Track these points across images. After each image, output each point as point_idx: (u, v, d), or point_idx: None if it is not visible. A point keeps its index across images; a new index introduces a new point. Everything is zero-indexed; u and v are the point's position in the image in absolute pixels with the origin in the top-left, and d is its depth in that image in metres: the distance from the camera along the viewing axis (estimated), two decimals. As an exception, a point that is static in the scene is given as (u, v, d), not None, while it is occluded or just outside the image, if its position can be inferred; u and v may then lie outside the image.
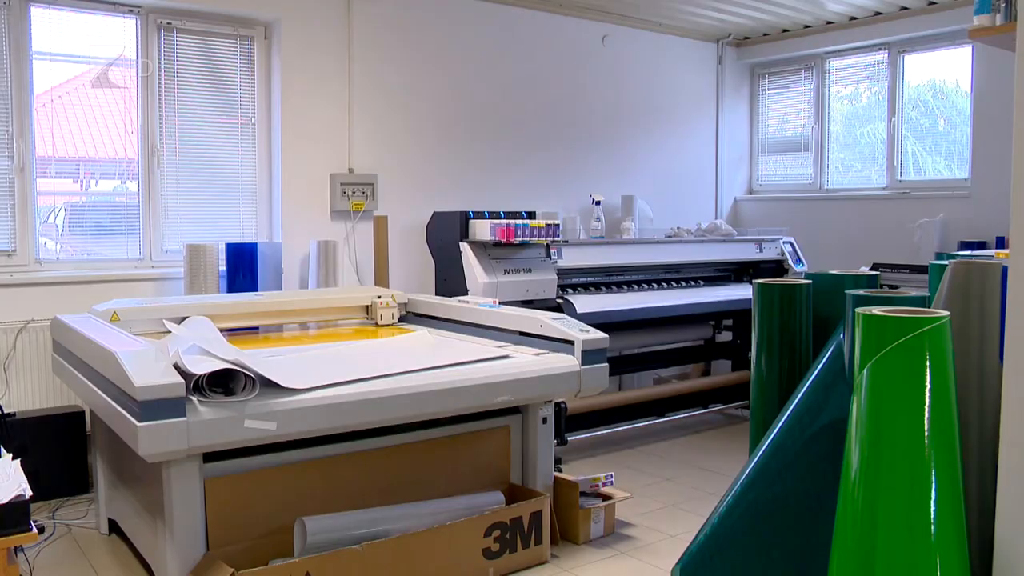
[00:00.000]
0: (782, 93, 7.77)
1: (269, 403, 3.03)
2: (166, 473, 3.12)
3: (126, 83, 5.34)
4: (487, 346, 4.02)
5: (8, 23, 4.90)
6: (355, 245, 5.74)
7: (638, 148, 7.19)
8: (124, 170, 5.41)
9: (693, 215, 7.34)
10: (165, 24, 5.32)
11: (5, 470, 2.21)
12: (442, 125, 6.13)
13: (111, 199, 5.44)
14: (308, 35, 5.60)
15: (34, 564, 3.80)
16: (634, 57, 7.11)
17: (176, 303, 4.42)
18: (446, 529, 3.50)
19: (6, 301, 4.75)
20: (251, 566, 3.10)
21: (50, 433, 4.56)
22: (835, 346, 1.87)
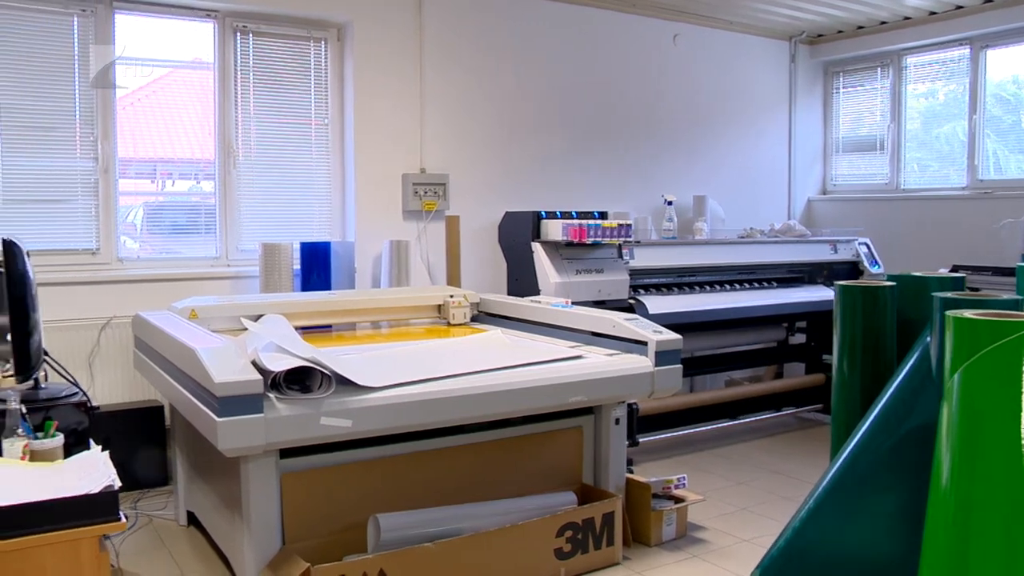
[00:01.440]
0: (857, 91, 7.62)
1: (345, 401, 3.06)
2: (244, 468, 3.17)
3: (203, 85, 5.45)
4: (560, 346, 4.01)
5: (95, 28, 5.03)
6: (427, 245, 5.77)
7: (710, 148, 7.11)
8: (199, 170, 5.52)
9: (766, 216, 7.23)
10: (241, 27, 5.41)
11: (95, 461, 2.26)
12: (513, 125, 6.13)
13: (187, 199, 5.57)
14: (380, 36, 5.65)
15: (119, 552, 3.89)
16: (706, 56, 7.04)
17: (252, 301, 4.50)
18: (518, 528, 3.50)
19: (90, 298, 4.88)
20: (325, 561, 3.13)
21: (131, 426, 4.67)
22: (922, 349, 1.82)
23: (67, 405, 2.56)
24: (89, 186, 5.05)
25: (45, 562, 1.98)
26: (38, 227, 4.87)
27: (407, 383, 3.24)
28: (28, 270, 2.59)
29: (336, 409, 3.03)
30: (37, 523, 1.96)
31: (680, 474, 4.34)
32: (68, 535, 1.99)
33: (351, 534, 3.39)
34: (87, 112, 5.03)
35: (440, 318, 4.80)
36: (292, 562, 3.14)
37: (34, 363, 2.60)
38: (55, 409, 2.52)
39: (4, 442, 2.31)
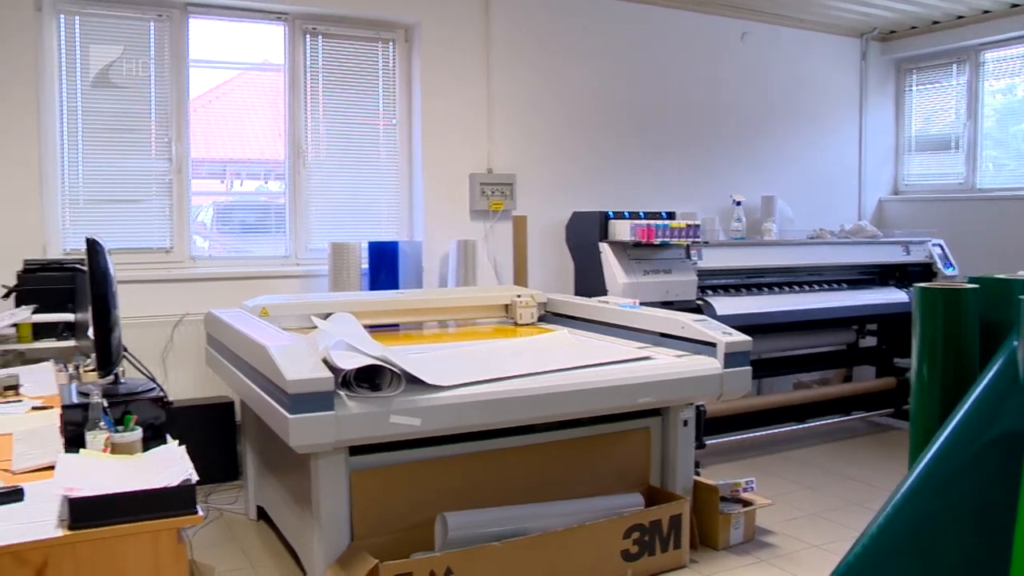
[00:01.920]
0: (930, 89, 7.45)
1: (414, 399, 3.08)
2: (314, 465, 3.21)
3: (272, 87, 5.53)
4: (628, 347, 3.99)
5: (169, 33, 5.13)
6: (494, 244, 5.79)
7: (778, 147, 7.02)
8: (267, 171, 5.60)
9: (835, 216, 7.10)
10: (311, 29, 5.48)
11: (173, 455, 2.31)
12: (580, 124, 6.12)
13: (255, 199, 5.66)
14: (447, 36, 5.68)
15: (191, 544, 3.96)
16: (774, 54, 6.95)
17: (321, 300, 4.56)
18: (585, 529, 3.49)
19: (164, 296, 4.98)
20: (393, 558, 3.16)
21: (202, 421, 4.75)
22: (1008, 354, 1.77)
23: (145, 400, 2.60)
24: (163, 186, 5.16)
25: (127, 552, 2.02)
26: (116, 226, 5.00)
27: (476, 382, 3.25)
28: (109, 268, 2.65)
29: (405, 408, 3.05)
30: (120, 513, 2.00)
31: (748, 477, 4.29)
32: (148, 526, 2.03)
33: (418, 532, 3.41)
34: (162, 114, 5.14)
35: (507, 318, 4.81)
36: (361, 558, 3.16)
37: (115, 359, 2.66)
38: (134, 404, 2.56)
39: (87, 435, 2.36)
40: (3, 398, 3.25)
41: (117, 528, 2.00)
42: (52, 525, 2.00)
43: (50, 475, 2.29)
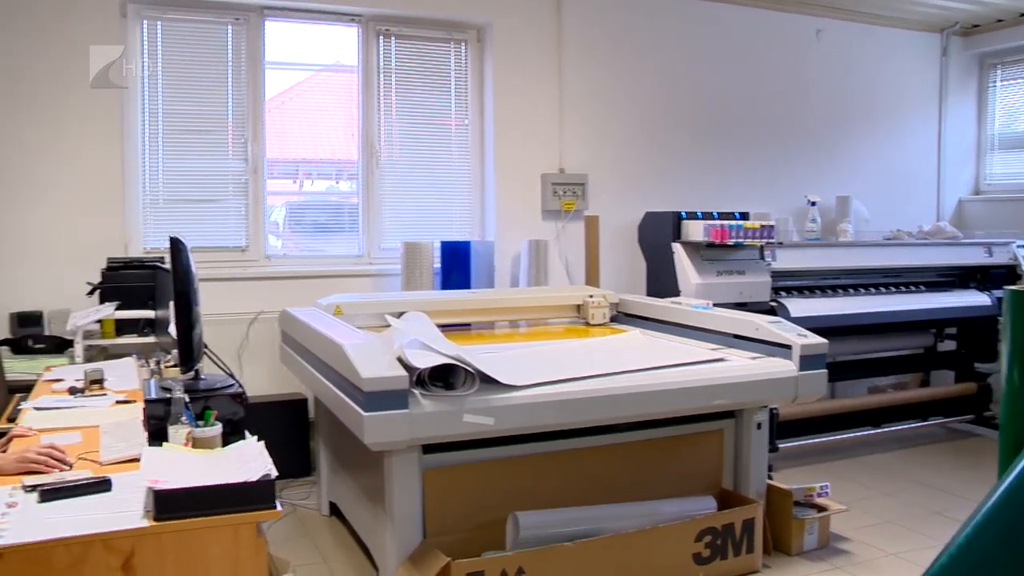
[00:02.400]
0: (1016, 84, 7.22)
1: (488, 398, 3.09)
2: (387, 462, 3.24)
3: (344, 88, 5.59)
4: (701, 348, 3.96)
5: (246, 36, 5.22)
6: (566, 244, 5.77)
7: (854, 146, 6.88)
8: (339, 171, 5.67)
9: (913, 217, 6.93)
10: (383, 31, 5.53)
11: (252, 451, 2.34)
12: (653, 124, 6.08)
13: (327, 199, 5.74)
14: (519, 37, 5.69)
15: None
16: (850, 51, 6.81)
17: (394, 299, 4.60)
18: (657, 531, 3.47)
19: (240, 293, 5.07)
20: (464, 557, 3.17)
21: (276, 418, 4.82)
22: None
23: (224, 396, 2.65)
24: (239, 186, 5.25)
25: (209, 543, 2.06)
26: (193, 226, 5.10)
27: (549, 382, 3.25)
28: (191, 266, 2.70)
29: (479, 407, 3.06)
30: (202, 506, 2.04)
31: (822, 482, 4.22)
32: (229, 519, 2.06)
33: (490, 531, 3.41)
34: (239, 116, 5.23)
35: (579, 318, 4.80)
36: (433, 556, 3.18)
37: (196, 355, 2.71)
38: (214, 399, 2.61)
39: (169, 429, 2.42)
40: (89, 391, 3.34)
41: (200, 520, 2.04)
42: (138, 516, 2.04)
43: (135, 467, 2.35)
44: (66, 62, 4.78)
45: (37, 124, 4.76)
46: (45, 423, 2.90)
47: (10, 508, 2.10)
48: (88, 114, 4.83)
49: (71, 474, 2.33)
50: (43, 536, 1.94)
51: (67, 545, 1.95)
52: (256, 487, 2.10)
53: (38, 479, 2.27)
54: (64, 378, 3.61)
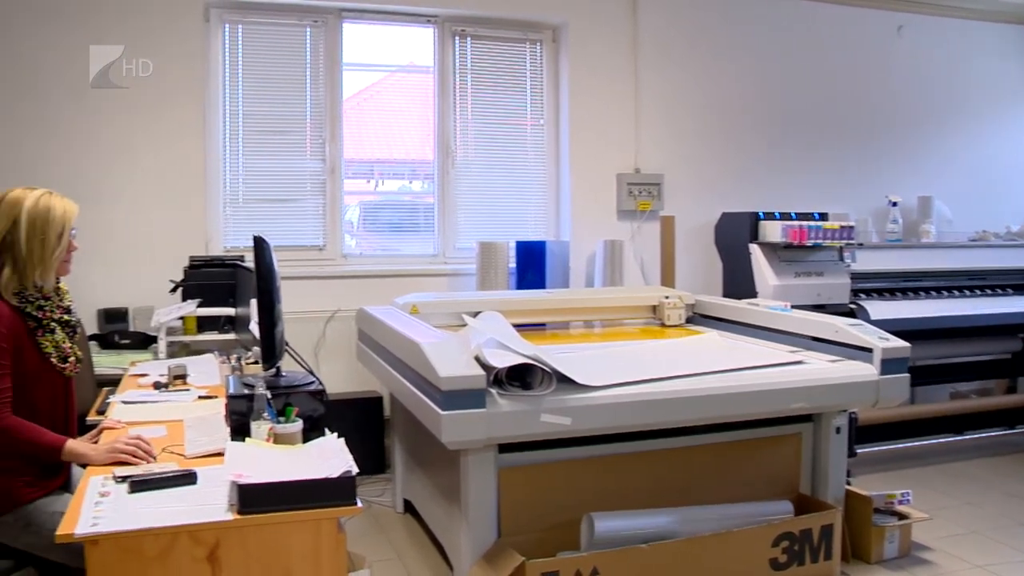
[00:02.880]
0: (1110, 79, 6.96)
1: (564, 399, 3.08)
2: (464, 461, 3.25)
3: (418, 88, 5.63)
4: (779, 350, 3.90)
5: (325, 38, 5.30)
6: (641, 244, 5.74)
7: (937, 145, 6.69)
8: (412, 170, 5.72)
9: (1000, 217, 6.72)
10: (459, 31, 5.56)
11: (333, 447, 2.37)
12: (729, 123, 6.01)
13: (400, 199, 5.79)
14: (595, 36, 5.67)
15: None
16: (933, 47, 6.63)
17: (470, 298, 4.62)
18: (733, 535, 3.42)
19: (317, 292, 5.14)
20: (539, 556, 3.16)
21: (352, 415, 4.88)
22: None
23: (305, 393, 2.69)
24: (317, 186, 5.33)
25: (290, 537, 2.09)
26: (272, 225, 5.18)
27: (626, 383, 3.23)
28: (274, 265, 2.74)
29: (556, 407, 3.06)
30: (285, 501, 2.07)
31: (903, 489, 4.12)
32: (311, 514, 2.09)
33: (564, 531, 3.40)
34: (317, 116, 5.31)
35: (654, 319, 4.76)
36: (507, 555, 3.18)
37: (278, 352, 2.75)
38: (294, 396, 2.65)
39: (252, 424, 2.46)
40: (173, 387, 3.42)
41: (282, 515, 2.08)
42: (223, 509, 2.09)
43: (218, 461, 2.40)
44: (153, 67, 4.91)
45: (123, 126, 4.90)
46: (132, 416, 2.98)
47: (103, 497, 2.16)
48: (171, 116, 4.95)
49: (158, 466, 2.39)
50: (134, 526, 2.01)
51: (156, 535, 2.01)
52: (337, 483, 2.13)
53: (127, 470, 2.34)
54: (149, 373, 3.71)
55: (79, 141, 4.83)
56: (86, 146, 4.84)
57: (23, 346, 2.53)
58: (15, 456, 2.49)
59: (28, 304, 2.57)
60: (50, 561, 2.51)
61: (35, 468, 2.55)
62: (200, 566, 2.04)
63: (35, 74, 4.76)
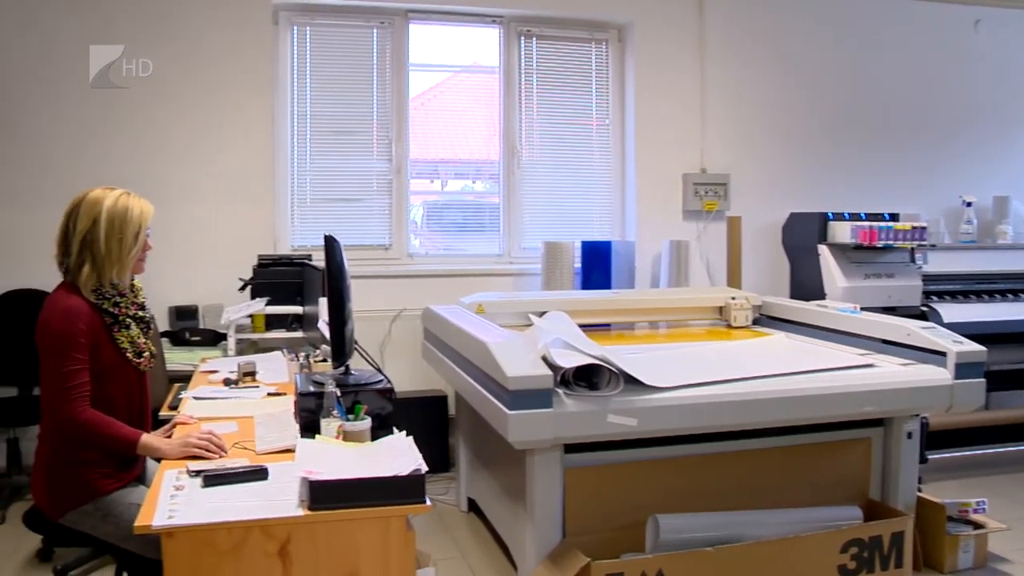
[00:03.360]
0: None
1: (631, 400, 3.07)
2: (529, 461, 3.25)
3: (482, 88, 5.65)
4: (849, 353, 3.83)
5: (391, 38, 5.34)
6: (707, 245, 5.69)
7: (1014, 143, 6.49)
8: (476, 170, 5.73)
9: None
10: (525, 31, 5.56)
11: (402, 445, 2.39)
12: (798, 123, 5.92)
13: (463, 198, 5.81)
14: (661, 35, 5.64)
15: (406, 534, 4.10)
16: (1012, 41, 6.44)
17: (535, 298, 4.62)
18: (801, 540, 3.37)
19: (383, 291, 5.19)
20: (603, 557, 3.15)
21: (417, 413, 4.90)
22: None
23: (373, 391, 2.71)
24: (383, 185, 5.38)
25: (360, 534, 2.11)
26: (338, 224, 5.24)
27: (693, 385, 3.20)
28: (344, 263, 2.77)
29: (623, 407, 3.04)
30: (355, 498, 2.09)
31: (979, 498, 4.01)
32: (380, 512, 2.11)
33: (629, 532, 3.38)
34: (383, 116, 5.35)
35: (720, 320, 4.71)
36: (572, 555, 3.18)
37: (347, 350, 2.78)
38: (363, 394, 2.67)
39: (322, 421, 2.49)
40: (243, 383, 3.47)
41: (352, 512, 2.10)
42: (294, 504, 2.11)
43: (288, 457, 2.44)
44: (221, 68, 5.01)
45: (195, 127, 5.00)
46: (203, 412, 3.03)
47: (178, 491, 2.21)
48: (241, 117, 5.03)
49: (230, 461, 2.43)
50: (208, 519, 2.05)
51: (229, 529, 2.04)
52: (407, 481, 2.14)
53: (201, 465, 2.38)
54: (219, 370, 3.77)
55: (150, 141, 4.94)
56: (157, 146, 4.95)
57: (100, 342, 2.59)
58: (94, 449, 2.55)
59: (105, 301, 2.63)
60: (125, 550, 2.57)
61: (113, 461, 2.61)
62: (271, 560, 2.07)
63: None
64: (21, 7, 4.78)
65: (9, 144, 4.82)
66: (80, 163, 4.84)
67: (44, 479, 2.60)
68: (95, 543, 2.63)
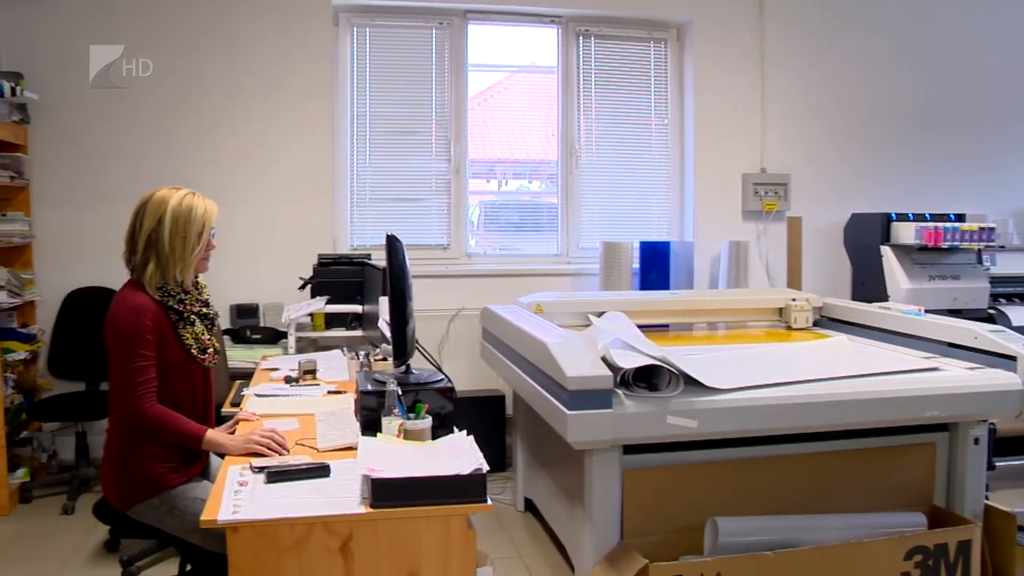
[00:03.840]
0: None
1: (692, 401, 3.04)
2: (588, 461, 3.23)
3: (539, 88, 5.65)
4: (913, 356, 3.76)
5: (450, 39, 5.36)
6: (766, 245, 5.63)
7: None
8: (533, 170, 5.73)
9: None
10: (584, 31, 5.55)
11: (463, 444, 2.40)
12: (859, 122, 5.83)
13: (519, 198, 5.82)
14: (720, 35, 5.59)
15: (462, 532, 4.11)
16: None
17: (594, 298, 4.60)
18: (863, 546, 3.31)
19: (442, 290, 5.22)
20: (660, 560, 3.12)
21: (474, 413, 4.90)
22: None
23: (434, 390, 2.72)
24: (442, 185, 5.41)
25: (421, 533, 2.12)
26: (397, 224, 5.28)
27: (754, 386, 3.17)
28: (406, 263, 2.78)
29: (683, 409, 3.02)
30: (417, 496, 2.10)
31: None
32: (442, 510, 2.12)
33: (687, 535, 3.35)
34: (442, 117, 5.38)
35: (780, 321, 4.65)
36: (630, 557, 3.16)
37: (409, 349, 2.79)
38: (423, 393, 2.68)
39: (383, 420, 2.50)
40: (303, 381, 3.51)
41: (414, 510, 2.11)
42: (356, 502, 2.13)
43: (349, 455, 2.46)
44: (282, 69, 5.07)
45: (256, 128, 5.07)
46: (265, 409, 3.07)
47: (241, 487, 2.24)
48: (303, 118, 5.11)
49: (292, 458, 2.46)
50: (271, 515, 2.07)
51: (292, 525, 2.07)
52: (469, 481, 2.15)
53: (263, 461, 2.41)
54: (279, 368, 3.82)
55: (212, 141, 5.03)
56: (219, 146, 5.04)
57: (166, 338, 2.64)
58: (160, 443, 2.60)
59: (170, 298, 2.67)
60: (189, 542, 2.61)
61: (178, 455, 2.65)
62: (333, 557, 2.08)
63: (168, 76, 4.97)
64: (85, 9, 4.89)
65: (73, 144, 4.94)
66: (143, 163, 4.94)
67: (112, 473, 2.65)
68: (160, 535, 2.68)
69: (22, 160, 4.78)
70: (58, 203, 4.94)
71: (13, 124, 4.67)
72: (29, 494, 4.61)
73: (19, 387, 4.72)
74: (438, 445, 2.43)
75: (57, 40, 4.87)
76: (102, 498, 2.73)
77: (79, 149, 4.94)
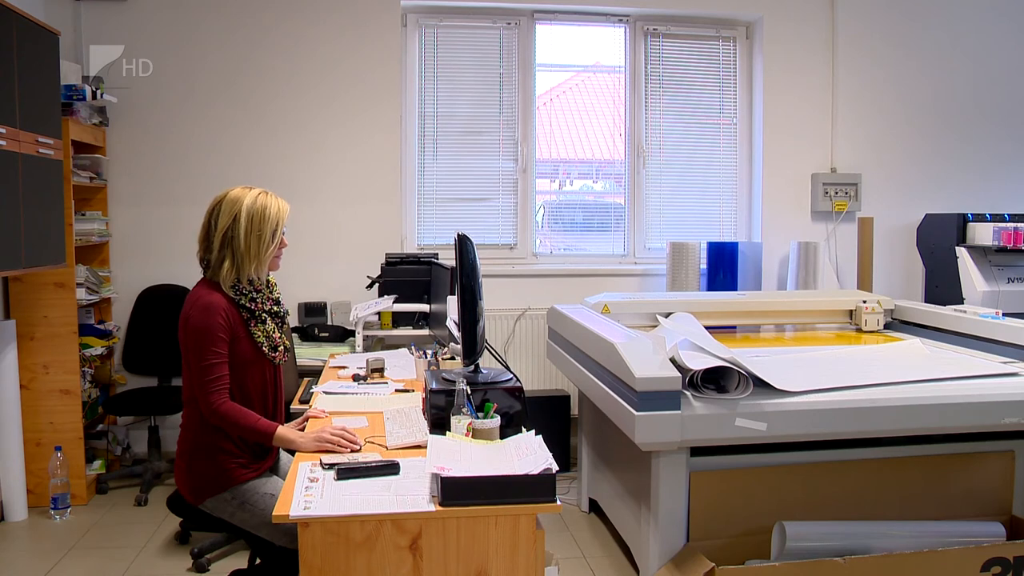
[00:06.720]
0: None
1: (760, 403, 3.01)
2: (655, 463, 3.22)
3: (605, 88, 5.63)
4: (990, 361, 3.67)
5: (518, 39, 5.37)
6: (836, 247, 5.55)
7: None
8: (598, 170, 5.71)
9: None
10: (651, 30, 5.52)
11: (531, 444, 2.40)
12: (933, 120, 5.71)
13: (583, 198, 5.80)
14: (790, 33, 5.51)
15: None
16: None
17: (661, 299, 4.57)
18: (937, 555, 3.24)
19: (508, 290, 5.24)
20: (727, 563, 3.10)
21: (539, 412, 4.93)
22: None
23: (502, 389, 2.72)
24: (509, 185, 5.42)
25: (489, 532, 2.14)
26: (464, 223, 5.31)
27: (824, 389, 3.12)
28: (476, 262, 2.79)
29: (751, 411, 2.99)
30: (486, 495, 2.12)
31: None
32: (510, 510, 2.13)
33: (753, 538, 3.32)
34: (509, 117, 5.39)
35: (850, 324, 4.58)
36: (696, 560, 3.14)
37: (478, 348, 2.80)
38: (492, 392, 2.69)
39: (452, 418, 2.52)
40: (371, 379, 3.54)
41: (483, 509, 2.12)
42: (425, 499, 2.15)
43: (418, 453, 2.48)
44: (352, 69, 5.14)
45: (326, 127, 5.14)
46: (333, 407, 3.10)
47: (312, 483, 2.27)
48: (370, 117, 5.16)
49: (362, 456, 2.49)
50: (342, 511, 2.10)
51: (362, 521, 2.09)
52: (538, 480, 2.15)
53: (334, 458, 2.44)
54: (347, 366, 3.86)
55: (281, 141, 5.11)
56: (289, 146, 5.12)
57: (238, 336, 2.68)
58: (232, 439, 2.65)
59: (243, 296, 2.72)
60: (259, 537, 2.66)
61: (249, 451, 2.70)
62: (402, 554, 2.10)
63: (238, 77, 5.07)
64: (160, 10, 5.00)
65: (145, 144, 5.05)
66: (214, 164, 5.04)
67: (185, 467, 2.71)
68: (230, 529, 2.72)
69: (101, 161, 4.91)
70: (133, 203, 5.06)
71: (93, 126, 4.79)
72: (105, 485, 4.73)
73: (96, 381, 4.85)
74: (507, 444, 2.44)
75: (137, 42, 4.98)
76: (176, 491, 2.79)
77: (147, 149, 5.05)
